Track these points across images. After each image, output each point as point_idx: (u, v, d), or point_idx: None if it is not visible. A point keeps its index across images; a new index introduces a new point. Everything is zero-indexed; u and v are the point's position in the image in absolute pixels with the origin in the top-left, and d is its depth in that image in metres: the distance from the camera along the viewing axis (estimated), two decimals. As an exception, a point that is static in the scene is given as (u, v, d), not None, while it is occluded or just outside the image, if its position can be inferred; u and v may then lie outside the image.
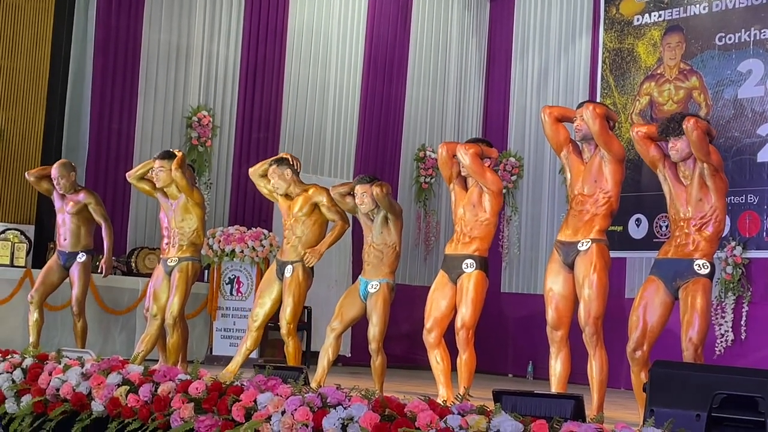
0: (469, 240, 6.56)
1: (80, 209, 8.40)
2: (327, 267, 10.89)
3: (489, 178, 6.51)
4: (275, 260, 7.65)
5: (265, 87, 11.52)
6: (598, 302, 5.80)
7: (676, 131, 5.49)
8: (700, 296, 5.43)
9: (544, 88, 12.12)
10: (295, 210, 7.42)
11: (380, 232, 7.04)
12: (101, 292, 9.53)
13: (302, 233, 7.40)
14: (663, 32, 11.00)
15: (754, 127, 10.15)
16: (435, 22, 12.73)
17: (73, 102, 10.60)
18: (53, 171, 8.42)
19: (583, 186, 5.97)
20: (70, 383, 5.07)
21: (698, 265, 5.48)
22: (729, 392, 3.97)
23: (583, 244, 5.87)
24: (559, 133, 6.10)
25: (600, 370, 5.82)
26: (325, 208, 7.39)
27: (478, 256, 6.54)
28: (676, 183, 5.60)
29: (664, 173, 5.64)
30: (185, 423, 4.43)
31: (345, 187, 7.28)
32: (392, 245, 7.05)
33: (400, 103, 12.42)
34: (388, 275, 7.04)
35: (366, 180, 7.07)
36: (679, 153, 5.52)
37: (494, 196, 6.52)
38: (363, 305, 7.07)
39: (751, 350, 9.72)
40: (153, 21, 10.87)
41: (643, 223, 10.73)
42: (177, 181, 7.61)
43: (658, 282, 5.59)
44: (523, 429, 3.44)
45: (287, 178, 7.48)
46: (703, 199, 5.53)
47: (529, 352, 11.00)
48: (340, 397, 4.06)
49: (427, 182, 12.22)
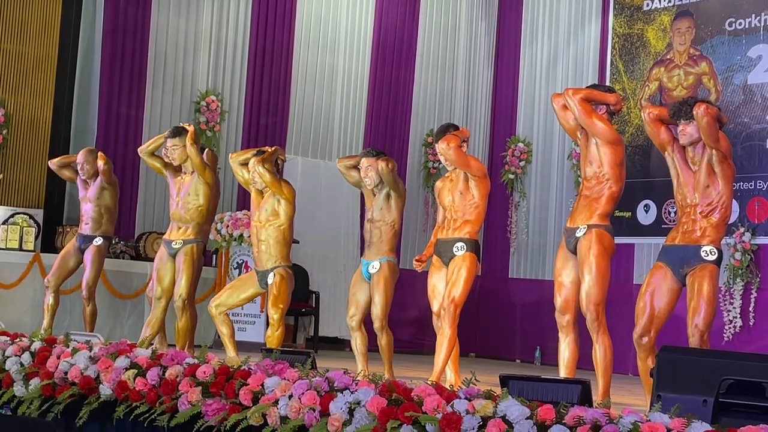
0: (460, 224, 6.57)
1: (99, 194, 8.43)
2: (335, 252, 10.92)
3: (473, 165, 6.58)
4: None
5: (274, 72, 11.51)
6: (597, 288, 5.74)
7: (687, 115, 5.45)
8: (708, 282, 5.41)
9: (553, 73, 12.09)
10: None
11: (381, 208, 7.00)
12: (110, 276, 9.55)
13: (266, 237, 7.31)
14: (673, 17, 10.97)
15: (763, 113, 10.13)
16: (444, 7, 12.69)
17: (81, 87, 10.62)
18: (79, 157, 8.49)
19: (585, 170, 5.96)
20: (78, 367, 5.08)
21: (705, 252, 5.45)
22: (736, 378, 3.96)
23: (580, 229, 5.85)
24: (569, 120, 6.04)
25: (604, 356, 5.78)
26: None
27: (468, 239, 6.54)
28: (684, 168, 5.57)
29: (673, 157, 5.61)
30: (193, 407, 4.44)
31: (351, 160, 7.27)
32: (391, 223, 7.01)
33: (409, 88, 12.40)
34: (388, 253, 6.99)
35: (372, 154, 7.04)
36: (688, 137, 5.49)
37: (480, 181, 6.55)
38: (369, 287, 7.06)
39: (759, 336, 9.73)
40: (162, 6, 10.88)
41: (651, 209, 10.71)
42: (192, 157, 7.48)
43: (665, 268, 5.56)
44: (530, 414, 3.43)
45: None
46: (710, 185, 5.50)
47: (537, 337, 11.00)
48: (348, 381, 4.06)
49: (435, 167, 12.19)
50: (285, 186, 7.27)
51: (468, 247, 6.51)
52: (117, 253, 9.96)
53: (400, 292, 11.23)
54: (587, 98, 5.86)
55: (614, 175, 5.85)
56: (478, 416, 3.50)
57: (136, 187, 10.59)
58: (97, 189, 8.44)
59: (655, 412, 3.40)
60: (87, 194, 8.48)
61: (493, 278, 12.29)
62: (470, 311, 12.09)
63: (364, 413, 3.78)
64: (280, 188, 7.21)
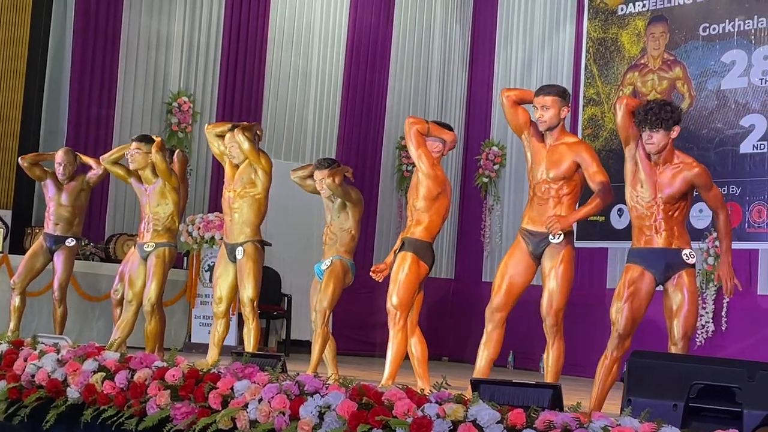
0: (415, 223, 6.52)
1: (76, 196, 8.36)
2: (307, 255, 10.88)
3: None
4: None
5: (247, 74, 11.50)
6: (562, 295, 5.80)
7: (654, 124, 5.35)
8: (694, 288, 5.41)
9: (527, 77, 12.12)
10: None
11: (338, 215, 7.13)
12: (79, 278, 9.49)
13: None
14: (647, 22, 11.04)
15: (737, 118, 10.21)
16: (418, 10, 12.74)
17: (51, 87, 10.56)
18: (59, 156, 8.36)
19: (548, 171, 5.91)
20: (46, 369, 5.06)
21: (686, 255, 5.43)
22: (706, 383, 4.00)
23: (556, 237, 5.81)
24: (518, 116, 6.04)
25: (557, 360, 5.85)
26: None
27: (415, 239, 6.43)
28: (647, 165, 5.45)
29: (634, 153, 5.48)
30: (161, 410, 4.43)
31: (305, 171, 7.37)
32: (348, 229, 7.11)
33: (383, 91, 12.42)
34: (342, 253, 7.09)
35: (324, 165, 7.09)
36: (656, 146, 5.38)
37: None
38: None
39: (731, 341, 9.78)
40: (134, 5, 10.84)
41: (625, 214, 10.72)
42: (157, 164, 7.49)
43: (644, 271, 5.47)
44: (501, 418, 3.46)
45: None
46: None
47: (510, 341, 10.92)
48: (318, 385, 4.06)
49: (409, 171, 12.19)
50: (263, 156, 7.22)
51: (409, 246, 6.42)
52: (87, 255, 9.90)
53: (371, 295, 11.25)
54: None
55: (580, 177, 5.89)
56: (449, 420, 3.52)
57: (107, 189, 10.51)
58: (75, 190, 8.36)
59: (625, 416, 3.43)
60: (60, 195, 8.37)
61: (465, 282, 12.32)
62: (443, 314, 12.14)
63: (335, 417, 3.78)
64: (258, 158, 7.14)
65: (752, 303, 9.82)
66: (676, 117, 5.37)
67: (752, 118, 10.05)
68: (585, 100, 11.47)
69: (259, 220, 7.25)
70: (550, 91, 5.91)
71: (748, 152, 10.03)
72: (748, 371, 4.01)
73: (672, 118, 5.33)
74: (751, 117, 10.06)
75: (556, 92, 5.91)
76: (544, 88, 5.99)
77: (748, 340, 9.64)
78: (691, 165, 5.41)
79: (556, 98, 5.87)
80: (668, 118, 5.32)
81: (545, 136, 5.96)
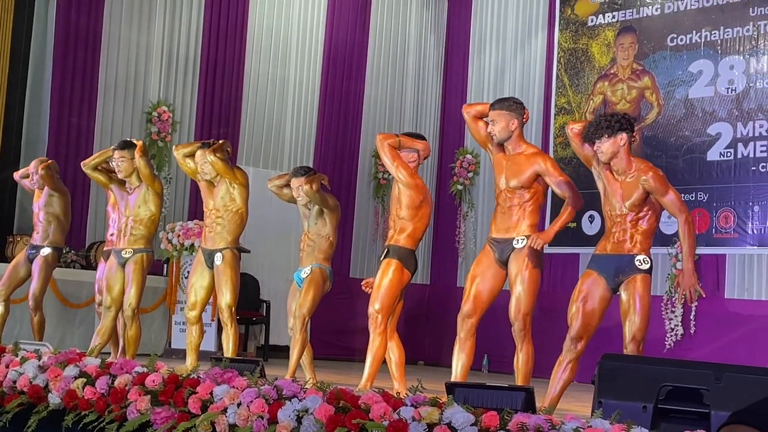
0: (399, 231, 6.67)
1: (47, 202, 8.37)
2: (285, 261, 10.99)
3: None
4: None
5: (225, 83, 11.57)
6: (529, 299, 5.91)
7: (596, 135, 5.48)
8: (643, 291, 5.47)
9: (500, 85, 12.25)
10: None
11: (315, 223, 7.20)
12: (60, 285, 9.51)
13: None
14: (616, 33, 11.18)
15: (704, 126, 10.34)
16: (394, 20, 12.84)
17: (32, 97, 10.59)
18: (31, 166, 8.44)
19: (508, 181, 6.05)
20: (27, 376, 5.03)
21: (639, 261, 5.50)
22: (675, 384, 4.03)
23: (519, 241, 5.96)
24: (480, 131, 6.18)
25: (526, 363, 5.96)
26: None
27: (399, 246, 6.60)
28: (611, 179, 5.58)
29: (599, 171, 5.62)
30: (141, 415, 4.41)
31: (281, 180, 7.44)
32: (326, 236, 7.19)
33: (359, 100, 12.51)
34: (321, 261, 7.16)
35: (300, 173, 7.17)
36: (605, 154, 5.51)
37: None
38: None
39: (699, 344, 9.91)
40: (113, 16, 10.88)
41: (596, 220, 10.90)
42: (141, 169, 7.53)
43: (597, 277, 5.57)
44: (475, 420, 3.48)
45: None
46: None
47: (484, 345, 11.05)
48: (296, 389, 4.08)
49: (385, 179, 12.31)
50: (237, 171, 7.35)
51: (392, 253, 6.59)
52: (68, 262, 9.93)
53: (350, 301, 11.39)
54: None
55: (542, 186, 6.04)
56: (425, 423, 3.53)
57: (87, 197, 10.55)
58: (46, 197, 8.37)
59: (596, 418, 3.44)
60: (37, 203, 8.43)
61: (441, 287, 12.43)
62: (419, 319, 12.26)
63: (312, 421, 3.79)
64: (233, 175, 7.29)
65: (720, 307, 9.95)
66: (620, 124, 5.46)
67: (719, 126, 10.20)
68: (556, 108, 11.58)
69: (240, 230, 7.40)
70: (496, 106, 6.04)
71: (715, 159, 10.17)
72: (716, 373, 4.03)
73: (613, 126, 5.44)
74: (717, 125, 10.21)
75: (503, 106, 6.02)
76: (494, 103, 6.11)
77: (716, 343, 9.77)
78: (644, 170, 5.49)
79: (503, 112, 5.99)
80: (608, 126, 5.44)
81: (504, 148, 6.09)
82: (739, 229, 9.97)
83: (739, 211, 9.98)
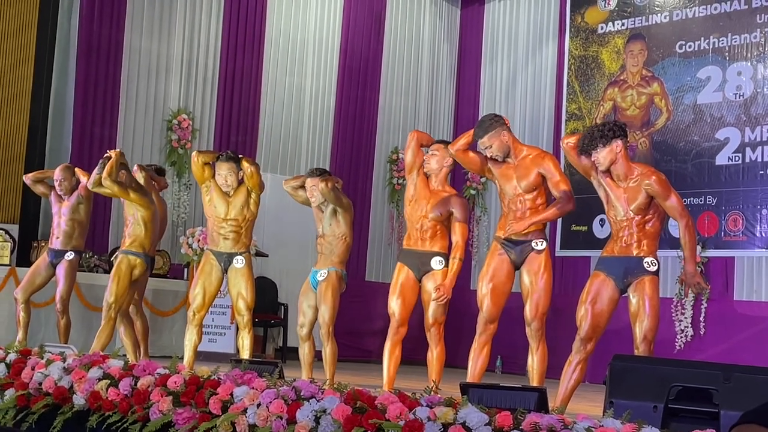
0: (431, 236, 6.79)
1: (74, 209, 8.46)
2: (303, 265, 11.17)
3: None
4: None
5: (243, 92, 11.69)
6: (546, 299, 6.04)
7: (591, 146, 5.52)
8: (652, 293, 5.49)
9: (512, 93, 12.38)
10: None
11: (330, 224, 7.18)
12: (83, 289, 9.61)
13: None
14: (626, 40, 11.27)
15: (712, 131, 10.43)
16: (408, 30, 12.96)
17: (56, 107, 10.72)
18: (56, 173, 8.50)
19: (519, 183, 6.11)
20: (52, 377, 5.06)
21: (647, 263, 5.52)
22: (685, 385, 4.07)
23: (539, 243, 6.07)
24: (473, 162, 6.28)
25: (541, 362, 6.06)
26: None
27: (444, 253, 6.75)
28: (612, 186, 5.60)
29: (599, 180, 5.64)
30: (164, 416, 4.45)
31: (297, 181, 7.42)
32: (342, 236, 7.16)
33: (374, 108, 12.63)
34: (337, 264, 7.16)
35: (315, 173, 7.19)
36: (602, 164, 5.55)
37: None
38: (316, 296, 7.20)
39: (709, 345, 10.01)
40: (134, 28, 11.03)
41: (606, 224, 11.00)
42: (113, 190, 7.65)
43: (606, 278, 5.59)
44: (489, 420, 3.49)
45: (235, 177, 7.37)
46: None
47: (498, 346, 11.19)
48: (314, 390, 4.13)
49: (399, 183, 12.47)
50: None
51: (446, 261, 6.81)
52: (91, 267, 10.01)
53: (366, 303, 11.59)
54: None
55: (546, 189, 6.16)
56: (440, 423, 3.56)
57: (110, 203, 10.62)
58: (74, 204, 8.44)
59: (607, 417, 3.49)
60: (61, 209, 8.48)
61: (455, 290, 12.32)
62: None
63: (330, 421, 3.81)
64: (260, 186, 7.37)
65: (729, 308, 10.03)
66: (613, 132, 5.47)
67: (727, 131, 10.30)
68: (567, 114, 11.69)
69: (252, 233, 7.55)
70: (480, 134, 6.08)
71: (724, 164, 10.26)
72: (725, 373, 4.06)
73: (606, 135, 5.44)
74: (725, 130, 10.31)
75: (487, 130, 6.06)
76: (476, 133, 6.12)
77: (725, 344, 9.86)
78: (647, 175, 5.49)
79: (490, 134, 6.05)
80: (602, 135, 5.46)
81: (508, 159, 6.16)
82: (747, 232, 10.04)
83: (748, 215, 10.06)
